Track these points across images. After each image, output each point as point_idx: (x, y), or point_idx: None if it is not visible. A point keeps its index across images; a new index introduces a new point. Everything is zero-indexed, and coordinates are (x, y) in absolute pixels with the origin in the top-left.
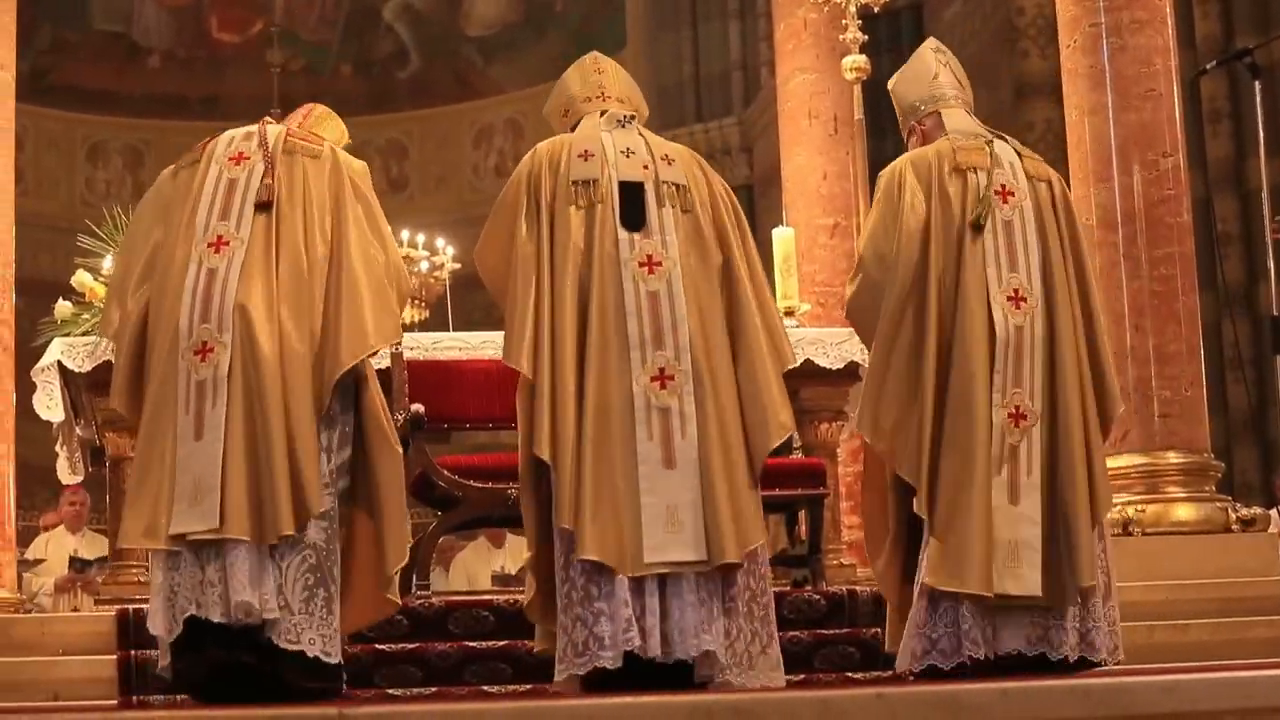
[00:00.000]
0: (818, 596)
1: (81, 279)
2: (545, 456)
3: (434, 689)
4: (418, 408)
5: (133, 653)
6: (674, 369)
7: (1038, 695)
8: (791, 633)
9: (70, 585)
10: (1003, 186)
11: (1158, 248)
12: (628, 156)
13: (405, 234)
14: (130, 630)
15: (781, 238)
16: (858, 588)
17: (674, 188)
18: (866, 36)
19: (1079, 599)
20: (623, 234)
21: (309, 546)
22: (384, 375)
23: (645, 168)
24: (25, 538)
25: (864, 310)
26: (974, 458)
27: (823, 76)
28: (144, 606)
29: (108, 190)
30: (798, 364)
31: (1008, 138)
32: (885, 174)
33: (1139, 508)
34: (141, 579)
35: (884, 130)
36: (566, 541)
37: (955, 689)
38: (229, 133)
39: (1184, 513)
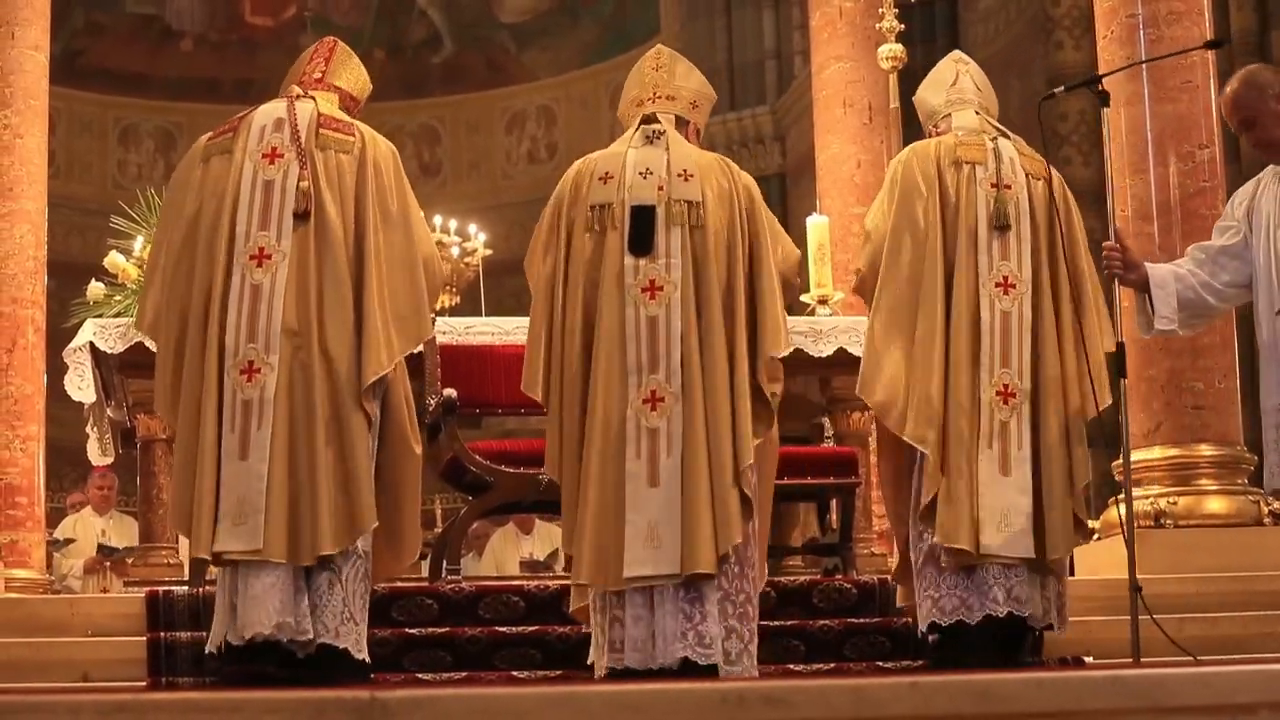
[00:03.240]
0: (849, 585)
1: (114, 260)
2: (556, 478)
3: (464, 674)
4: (450, 393)
5: (162, 634)
6: (664, 390)
7: (1072, 685)
8: (822, 621)
9: (99, 566)
10: (1000, 179)
11: (1193, 239)
12: (644, 178)
13: (438, 220)
14: (160, 612)
15: (815, 226)
16: (889, 577)
17: (685, 205)
18: (902, 26)
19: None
20: (629, 259)
21: (360, 555)
22: (417, 360)
23: (660, 189)
24: (53, 519)
25: (873, 285)
26: (962, 433)
27: (857, 65)
28: (173, 589)
29: (139, 173)
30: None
31: (1012, 136)
32: (893, 164)
33: (1171, 500)
34: (170, 561)
35: (917, 119)
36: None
37: (989, 679)
38: (260, 116)
39: (1216, 505)
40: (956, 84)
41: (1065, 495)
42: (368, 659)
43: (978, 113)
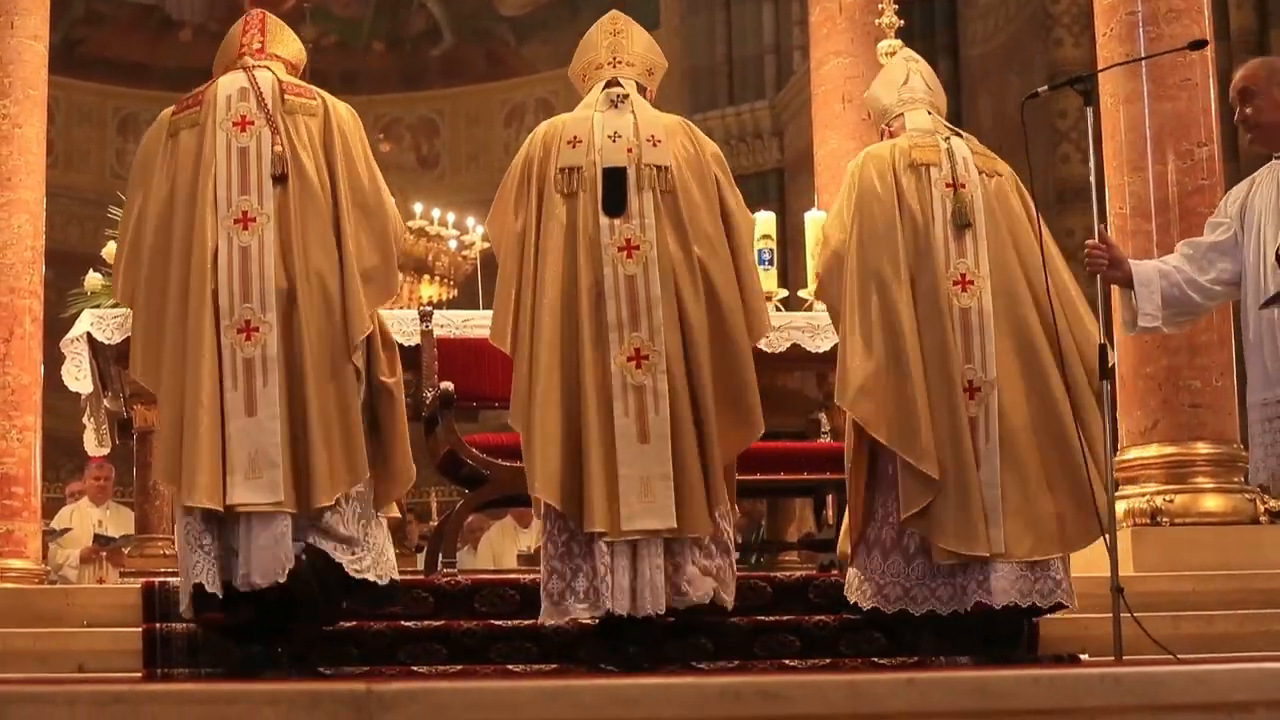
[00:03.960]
0: (843, 580)
1: (113, 251)
2: (518, 427)
3: (459, 667)
4: (447, 385)
5: (158, 625)
6: (649, 349)
7: (1069, 682)
8: (818, 617)
9: (95, 557)
10: (955, 179)
11: (1191, 237)
12: (614, 141)
13: (436, 212)
14: (156, 603)
15: (813, 221)
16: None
17: (655, 170)
18: (902, 21)
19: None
20: (604, 220)
21: (354, 496)
22: (413, 353)
23: (629, 151)
24: (50, 510)
25: (834, 288)
26: (947, 433)
27: (857, 61)
28: (170, 580)
29: None
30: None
31: (964, 135)
32: (850, 168)
33: (1167, 498)
34: (167, 552)
35: None
36: (547, 510)
37: (986, 675)
38: (223, 86)
39: (1212, 503)
40: (908, 83)
41: (1042, 487)
42: (392, 578)
43: (929, 112)
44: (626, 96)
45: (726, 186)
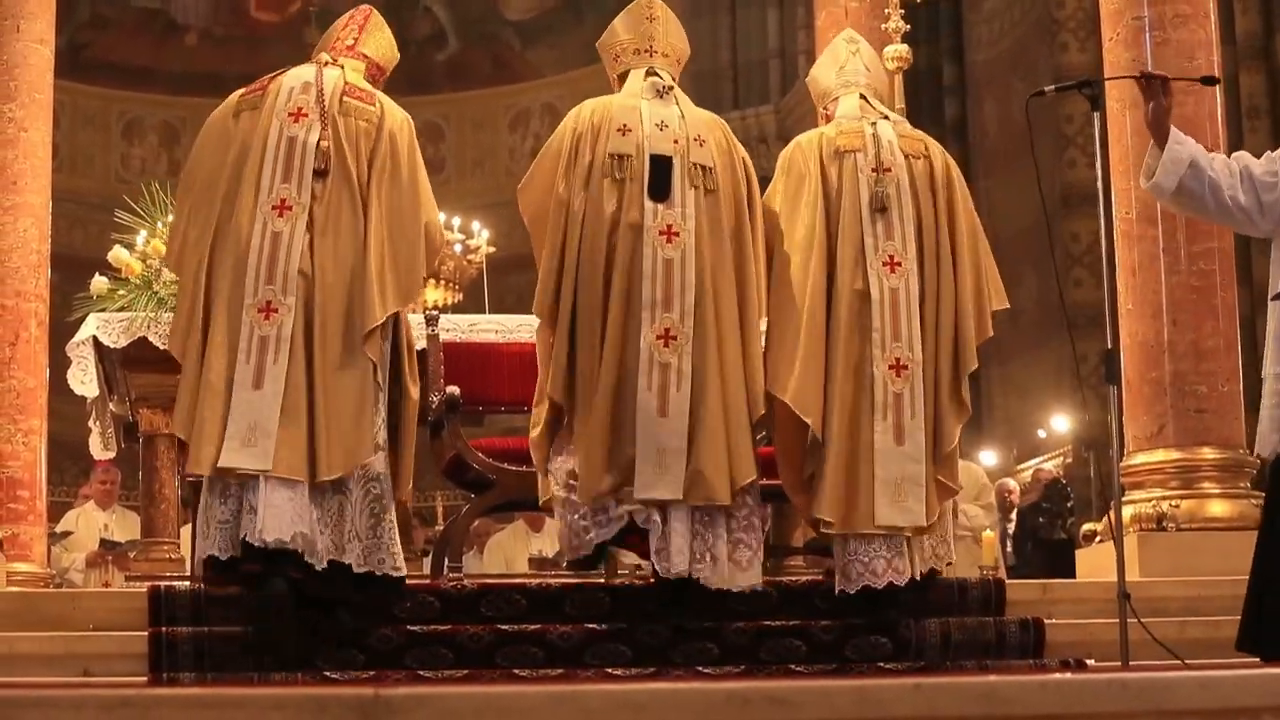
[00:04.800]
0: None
1: (118, 255)
2: (559, 399)
3: (465, 671)
4: (453, 390)
5: (164, 629)
6: (678, 329)
7: (1075, 687)
8: (823, 622)
9: (101, 560)
10: (879, 163)
11: (1196, 243)
12: (661, 130)
13: (441, 216)
14: (161, 607)
15: None
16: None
17: (701, 170)
18: (908, 26)
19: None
20: (648, 204)
21: (373, 479)
22: (419, 357)
23: (676, 142)
24: (55, 513)
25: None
26: (856, 408)
27: None
28: (175, 584)
29: (143, 167)
30: None
31: (892, 116)
32: (780, 155)
33: (1174, 503)
34: (172, 556)
35: (923, 121)
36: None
37: (993, 680)
38: (290, 77)
39: (1219, 508)
40: (847, 65)
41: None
42: (397, 572)
43: (862, 96)
44: (671, 88)
45: (753, 187)
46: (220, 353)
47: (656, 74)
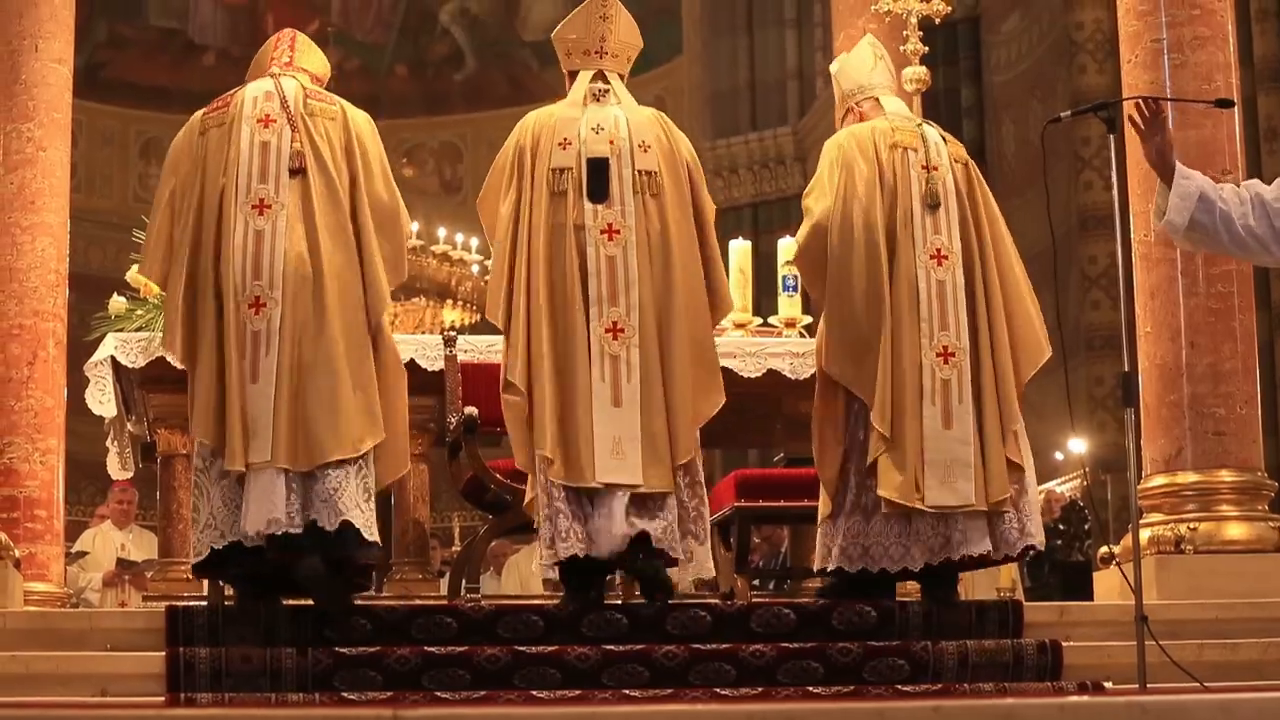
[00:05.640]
0: (868, 608)
1: (136, 275)
2: (518, 381)
3: (482, 692)
4: (471, 411)
5: (181, 649)
6: (625, 323)
7: (1094, 710)
8: (841, 644)
9: (118, 580)
10: (929, 161)
11: (1214, 266)
12: (597, 133)
13: (459, 237)
14: (179, 627)
15: None
16: (907, 600)
17: (646, 175)
18: (926, 48)
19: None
20: (588, 206)
21: (360, 460)
22: (437, 378)
23: (612, 143)
24: (73, 533)
25: (815, 256)
26: (905, 392)
27: None
28: (193, 604)
29: None
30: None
31: (932, 124)
32: (831, 145)
33: (1191, 525)
34: (190, 576)
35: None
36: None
37: (1012, 703)
38: (250, 89)
39: (1236, 531)
40: (876, 68)
41: (999, 442)
42: (378, 540)
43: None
44: (608, 90)
45: (698, 180)
46: (211, 350)
47: (603, 78)
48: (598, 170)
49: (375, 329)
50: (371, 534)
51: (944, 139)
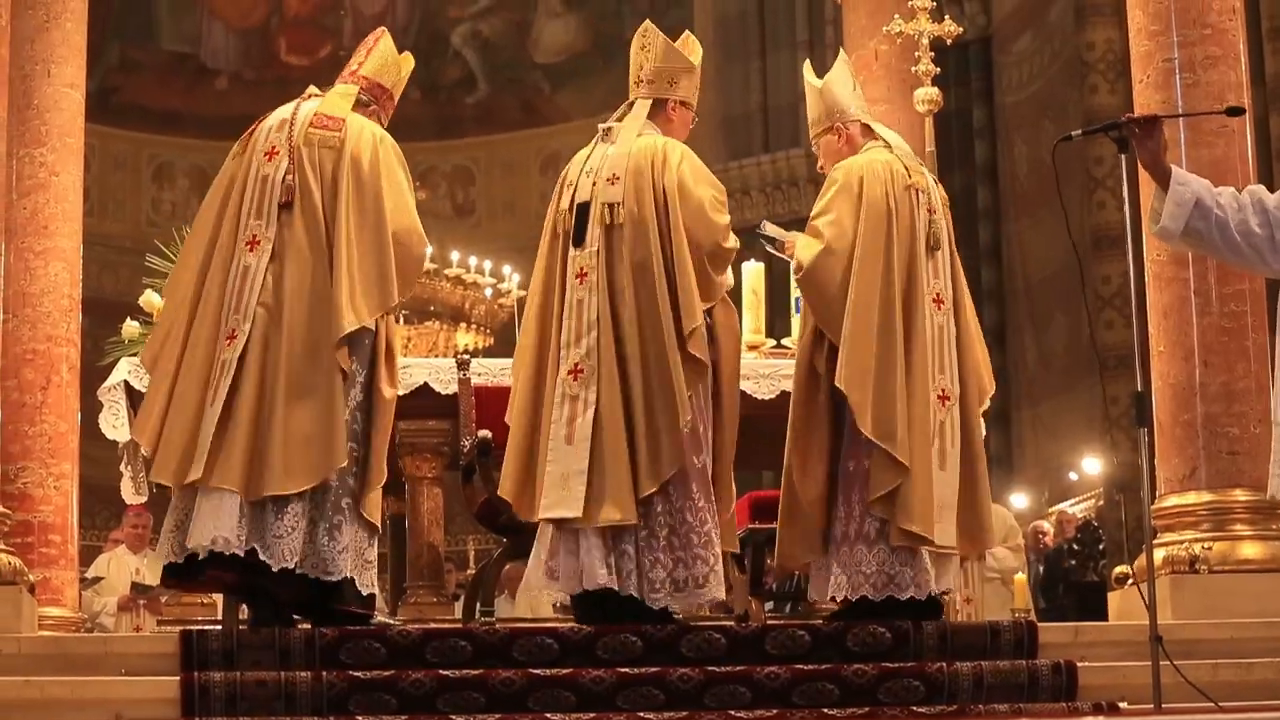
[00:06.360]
0: (883, 629)
1: (150, 299)
2: (508, 421)
3: (497, 715)
4: (485, 434)
5: (196, 674)
6: (584, 364)
7: None
8: (856, 665)
9: (132, 605)
10: (931, 204)
11: (1228, 285)
12: (587, 177)
13: (473, 260)
14: (194, 651)
15: None
16: (923, 621)
17: (609, 208)
18: (938, 69)
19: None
20: (573, 250)
21: (320, 490)
22: (451, 401)
23: (594, 184)
24: (87, 557)
25: (825, 279)
26: (916, 429)
27: (893, 108)
28: (207, 627)
29: (173, 211)
30: None
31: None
32: (844, 173)
33: (1205, 545)
34: (204, 601)
35: (953, 164)
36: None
37: None
38: (271, 117)
39: (1250, 550)
40: (856, 91)
41: (988, 489)
42: (328, 577)
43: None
44: (610, 129)
45: (675, 205)
46: (196, 375)
47: (631, 109)
48: (580, 215)
49: (338, 352)
50: (334, 574)
51: (936, 181)
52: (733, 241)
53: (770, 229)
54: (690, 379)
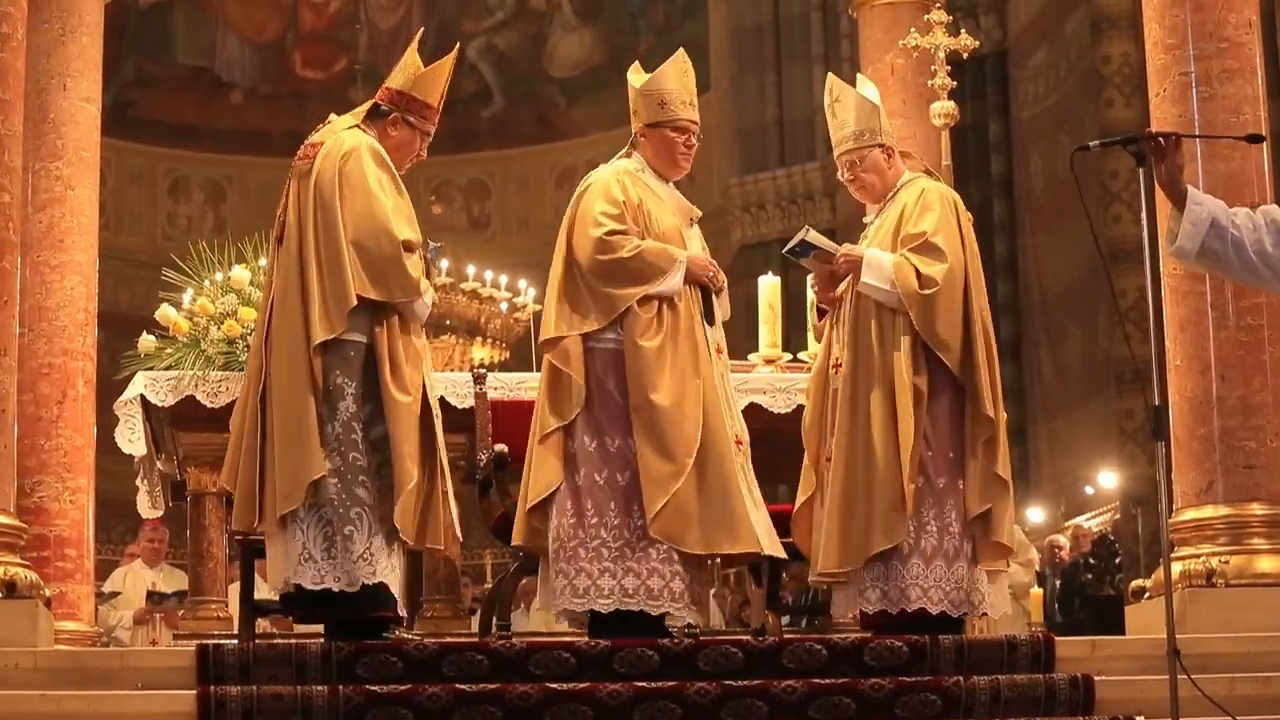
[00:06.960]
0: (900, 644)
1: (165, 313)
2: None
3: None
4: (501, 448)
5: (212, 688)
6: None
7: None
8: (873, 679)
9: (149, 616)
10: None
11: (1245, 298)
12: None
13: (488, 274)
14: (210, 665)
15: None
16: (940, 635)
17: None
18: (954, 83)
19: None
20: None
21: (323, 505)
22: (467, 415)
23: None
24: (103, 571)
25: (954, 296)
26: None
27: (909, 122)
28: (224, 641)
29: (189, 225)
30: None
31: None
32: (939, 195)
33: (1223, 559)
34: (220, 615)
35: (969, 177)
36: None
37: None
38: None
39: (1267, 564)
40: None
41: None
42: (352, 588)
43: None
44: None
45: (566, 221)
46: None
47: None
48: None
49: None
50: (353, 585)
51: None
52: None
53: (815, 237)
54: None
